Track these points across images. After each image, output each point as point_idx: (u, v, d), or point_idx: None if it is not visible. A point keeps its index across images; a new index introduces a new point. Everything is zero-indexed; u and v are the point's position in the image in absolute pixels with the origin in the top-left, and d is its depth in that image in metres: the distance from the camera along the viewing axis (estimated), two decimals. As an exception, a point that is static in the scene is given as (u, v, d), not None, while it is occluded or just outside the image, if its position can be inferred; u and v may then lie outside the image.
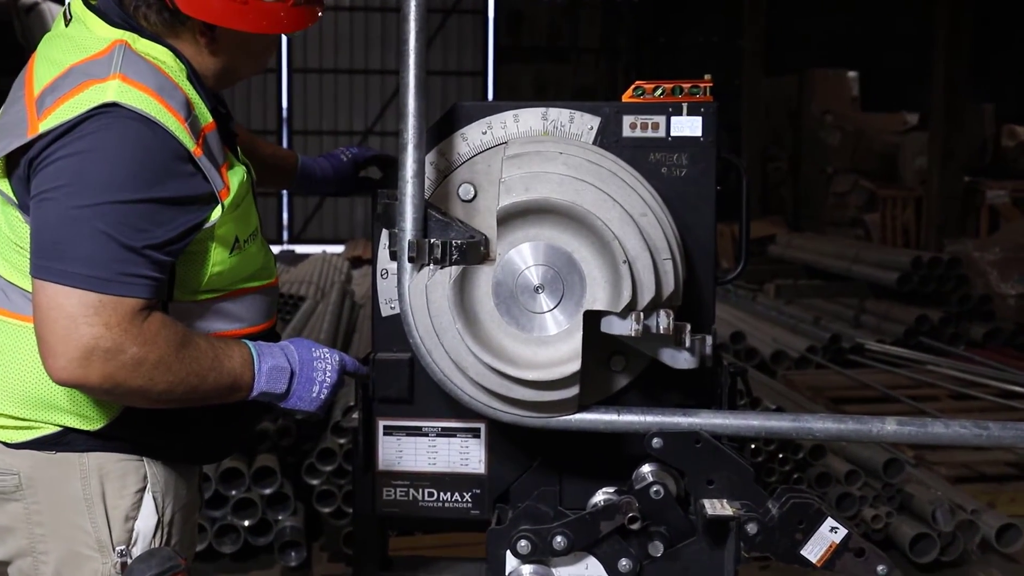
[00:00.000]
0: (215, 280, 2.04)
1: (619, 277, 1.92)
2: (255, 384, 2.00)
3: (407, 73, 1.95)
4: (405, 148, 1.96)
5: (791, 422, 2.06)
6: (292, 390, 2.04)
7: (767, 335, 8.24)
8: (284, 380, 2.02)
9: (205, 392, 1.95)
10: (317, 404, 2.06)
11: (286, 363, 2.03)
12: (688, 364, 2.01)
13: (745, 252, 2.41)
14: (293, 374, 2.03)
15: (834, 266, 10.63)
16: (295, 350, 2.07)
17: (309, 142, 18.03)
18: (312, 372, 2.06)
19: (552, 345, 1.99)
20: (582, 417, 2.06)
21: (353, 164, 2.76)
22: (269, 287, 2.21)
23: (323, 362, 2.08)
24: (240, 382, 1.99)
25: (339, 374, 2.10)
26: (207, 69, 2.07)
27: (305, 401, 2.05)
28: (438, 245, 1.97)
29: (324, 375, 2.07)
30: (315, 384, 2.05)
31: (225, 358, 1.97)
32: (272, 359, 2.02)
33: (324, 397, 2.07)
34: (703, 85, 2.17)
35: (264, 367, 2.00)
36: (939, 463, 5.56)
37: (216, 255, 2.02)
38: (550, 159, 2.01)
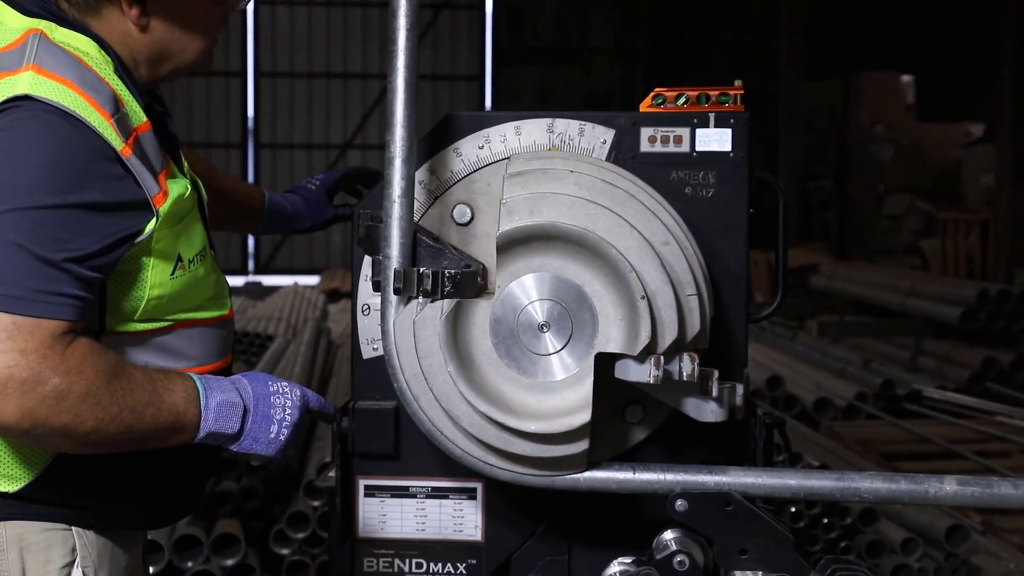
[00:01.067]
0: (155, 307, 2.02)
1: (636, 315, 1.93)
2: (201, 423, 1.97)
3: (396, 77, 1.97)
4: (392, 163, 1.97)
5: (836, 481, 2.06)
6: (246, 430, 2.01)
7: (809, 380, 8.24)
8: (236, 418, 1.99)
9: (142, 432, 1.91)
10: (276, 447, 2.04)
11: (238, 398, 2.01)
12: (716, 416, 2.01)
13: (783, 284, 2.42)
14: (247, 411, 2.01)
15: (887, 300, 10.64)
16: (248, 384, 2.04)
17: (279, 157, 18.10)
18: (269, 409, 2.03)
19: (559, 392, 1.99)
20: (593, 475, 2.06)
21: (325, 191, 2.77)
22: (222, 320, 2.20)
23: (282, 397, 2.05)
24: (183, 420, 1.95)
25: (301, 412, 2.08)
26: (139, 53, 2.07)
27: (261, 443, 2.03)
28: (428, 275, 1.97)
29: (283, 412, 2.05)
30: (272, 423, 2.03)
31: (165, 392, 1.94)
32: (221, 393, 2.00)
33: (284, 438, 2.05)
34: (733, 92, 2.18)
35: (212, 402, 1.98)
36: (1011, 530, 5.54)
37: (155, 275, 1.99)
38: (558, 178, 2.02)
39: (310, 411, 2.12)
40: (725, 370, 2.06)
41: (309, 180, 2.81)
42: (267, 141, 18.16)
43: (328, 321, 10.92)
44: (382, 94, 16.48)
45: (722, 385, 2.00)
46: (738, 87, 2.19)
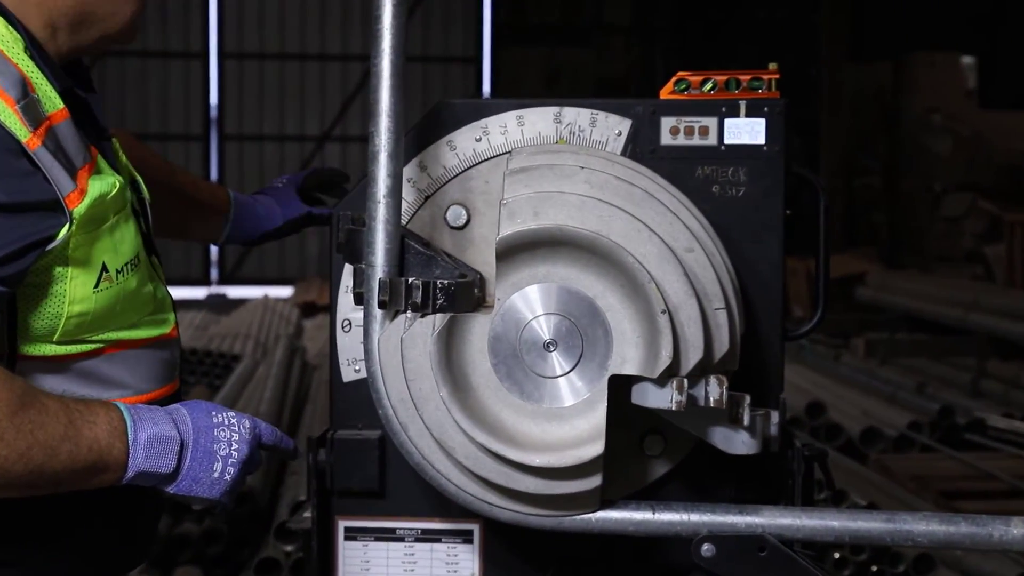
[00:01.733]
0: (77, 326, 1.99)
1: (656, 331, 1.93)
2: (129, 461, 1.93)
3: (381, 59, 1.97)
4: (376, 158, 1.98)
5: (886, 523, 2.07)
6: (183, 468, 1.97)
7: (855, 406, 8.24)
8: (171, 455, 1.96)
9: (56, 473, 1.88)
10: (220, 488, 2.01)
11: (173, 431, 1.98)
12: (747, 448, 2.01)
13: (824, 296, 2.42)
14: (184, 446, 1.98)
15: (944, 315, 10.63)
16: (188, 415, 2.02)
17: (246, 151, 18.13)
18: (211, 444, 2.00)
19: (567, 420, 1.99)
20: (607, 516, 2.07)
21: (294, 189, 2.77)
22: (164, 340, 2.18)
23: (227, 430, 2.02)
24: (107, 458, 1.92)
25: (251, 447, 2.05)
26: (59, 16, 2.04)
27: (203, 484, 1.99)
28: (418, 286, 1.98)
29: (229, 448, 2.01)
30: (216, 460, 2.00)
31: (84, 424, 1.90)
32: (153, 426, 1.96)
33: (230, 478, 2.01)
34: (767, 76, 2.19)
35: (141, 436, 1.94)
36: (1087, 579, 5.54)
37: (74, 289, 1.96)
38: (567, 175, 2.03)
39: (263, 446, 2.10)
40: (758, 395, 2.06)
41: (275, 180, 2.82)
42: (232, 132, 18.18)
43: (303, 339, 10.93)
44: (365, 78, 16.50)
45: (754, 412, 2.00)
46: (773, 70, 2.19)
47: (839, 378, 9.43)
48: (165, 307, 2.21)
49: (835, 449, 7.31)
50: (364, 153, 2.01)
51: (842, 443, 7.59)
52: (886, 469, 6.99)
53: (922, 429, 7.80)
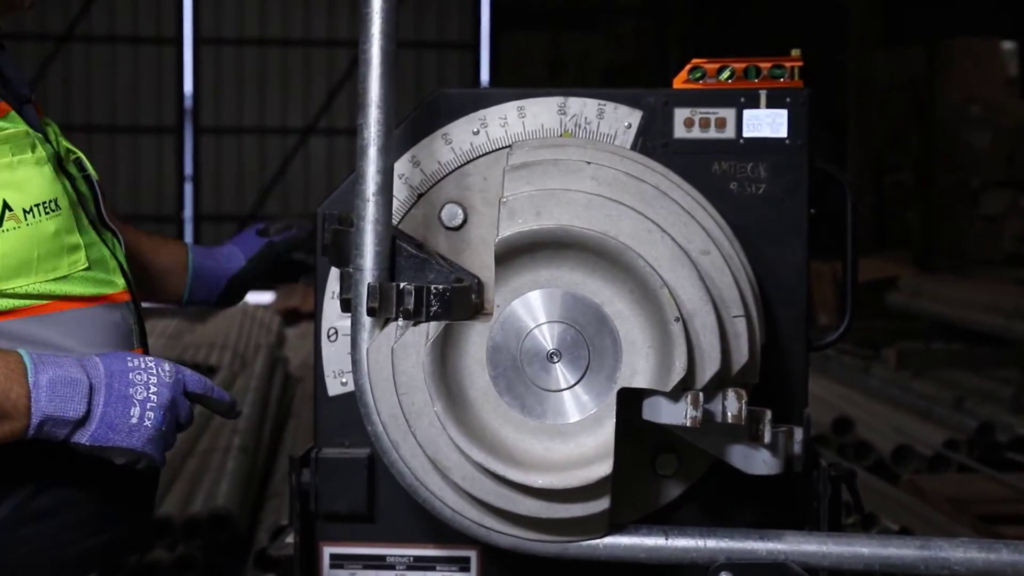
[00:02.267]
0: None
1: (669, 341, 1.94)
2: (32, 405, 1.91)
3: (370, 45, 1.97)
4: (365, 153, 1.98)
5: (920, 550, 2.07)
6: (95, 413, 1.94)
7: (886, 423, 8.23)
8: (79, 398, 1.93)
9: None
10: (142, 436, 1.97)
11: (81, 374, 1.95)
12: (768, 468, 2.01)
13: (852, 303, 2.42)
14: (94, 389, 1.96)
15: (984, 323, 10.63)
16: (100, 361, 2.00)
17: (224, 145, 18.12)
18: (127, 387, 1.97)
19: (572, 438, 2.00)
20: (616, 541, 2.07)
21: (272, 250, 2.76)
22: (111, 302, 2.16)
23: (143, 373, 2.00)
24: (3, 402, 1.90)
25: (174, 392, 2.02)
26: None
27: (120, 431, 1.96)
28: (410, 291, 1.98)
29: (147, 391, 1.98)
30: (132, 404, 1.96)
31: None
32: (57, 368, 1.94)
33: (151, 424, 1.98)
34: (790, 64, 2.19)
35: (43, 378, 1.92)
36: None
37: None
38: (572, 171, 2.03)
39: (190, 395, 2.07)
40: (780, 410, 2.06)
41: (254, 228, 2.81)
42: (209, 124, 18.18)
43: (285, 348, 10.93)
44: (353, 66, 16.49)
45: (776, 429, 2.00)
46: (796, 57, 2.20)
47: (869, 392, 9.42)
48: (108, 268, 2.18)
49: (864, 469, 7.31)
50: (352, 147, 2.01)
51: (872, 462, 7.58)
52: (920, 491, 6.98)
53: (959, 447, 7.79)
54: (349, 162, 2.38)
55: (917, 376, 9.82)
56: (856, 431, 7.84)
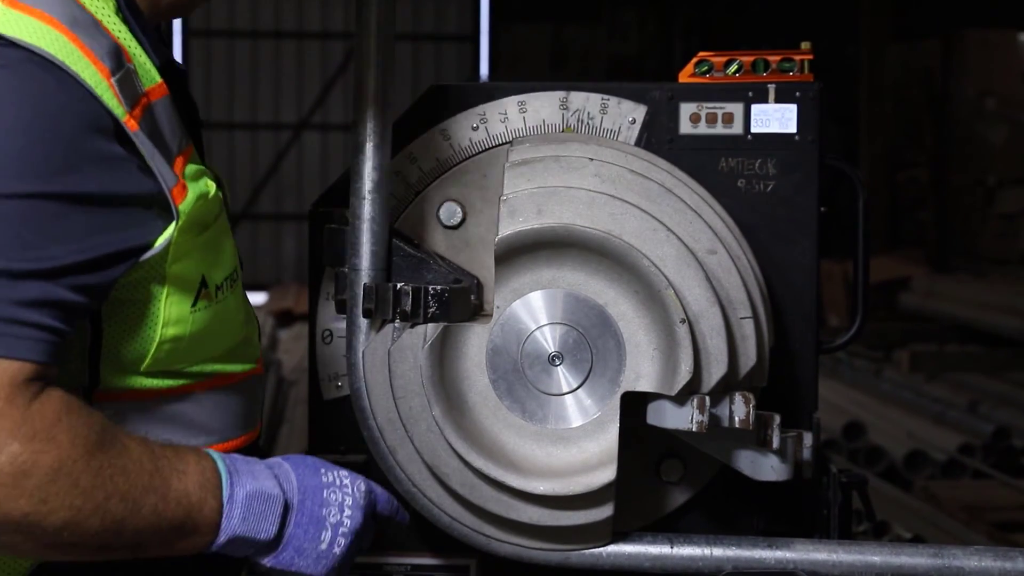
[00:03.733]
0: (168, 353, 1.84)
1: (674, 343, 1.94)
2: (223, 522, 1.79)
3: (366, 37, 1.98)
4: (361, 149, 1.98)
5: (933, 558, 2.07)
6: (286, 535, 1.83)
7: (898, 427, 8.23)
8: (273, 518, 1.81)
9: (138, 531, 1.72)
10: (328, 564, 1.86)
11: (277, 489, 1.83)
12: (777, 474, 2.02)
13: (864, 304, 2.42)
14: (288, 508, 1.84)
15: (999, 324, 10.63)
16: (292, 470, 1.88)
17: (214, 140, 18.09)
18: (320, 507, 1.86)
19: (574, 443, 2.00)
20: (620, 550, 2.07)
21: None
22: (252, 377, 2.05)
23: (339, 492, 1.89)
24: (197, 517, 1.77)
25: (366, 515, 1.91)
26: None
27: (308, 556, 1.85)
28: (407, 292, 1.98)
29: (341, 514, 1.87)
30: (324, 528, 1.85)
31: (173, 474, 1.76)
32: (253, 481, 1.82)
33: (340, 552, 1.87)
34: (800, 57, 2.20)
35: (239, 493, 1.80)
36: None
37: (170, 308, 1.82)
38: (574, 168, 2.03)
39: (377, 515, 1.98)
40: (789, 414, 2.07)
41: None
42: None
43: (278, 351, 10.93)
44: (348, 59, 16.49)
45: (785, 434, 2.00)
46: (806, 50, 2.20)
47: (881, 395, 9.43)
48: (255, 333, 2.09)
49: (876, 475, 7.31)
50: (347, 143, 2.01)
51: (884, 468, 7.58)
52: (933, 497, 6.98)
53: (974, 453, 7.79)
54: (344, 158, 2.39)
55: (931, 379, 9.82)
56: (868, 436, 7.85)
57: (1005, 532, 6.45)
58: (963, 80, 14.59)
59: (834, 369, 9.96)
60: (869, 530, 5.43)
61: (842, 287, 11.75)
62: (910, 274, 12.89)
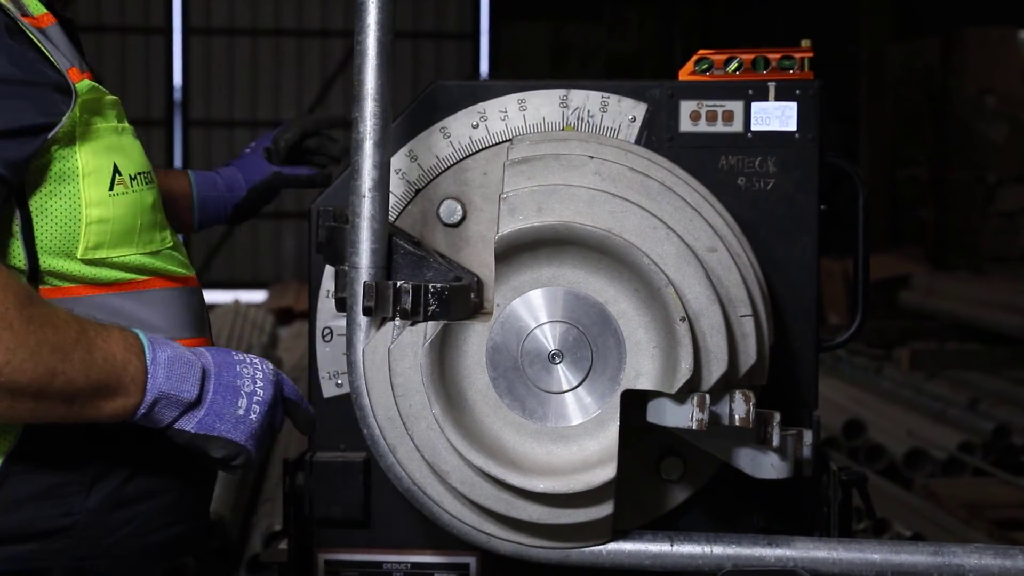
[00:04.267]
0: (98, 235, 2.02)
1: (674, 341, 1.94)
2: (148, 380, 1.93)
3: (366, 36, 1.98)
4: (361, 147, 1.98)
5: (933, 556, 2.07)
6: (206, 398, 1.97)
7: (899, 425, 8.23)
8: (193, 379, 1.96)
9: (68, 380, 1.87)
10: (246, 430, 1.98)
11: (193, 357, 1.98)
12: (777, 472, 2.02)
13: (864, 302, 2.42)
14: (206, 374, 1.98)
15: (1000, 322, 10.62)
16: (205, 350, 2.04)
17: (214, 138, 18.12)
18: (235, 378, 2.00)
19: (574, 441, 2.00)
20: (620, 548, 2.07)
21: (261, 151, 2.79)
22: (191, 286, 2.20)
23: (250, 367, 2.03)
24: (123, 375, 1.91)
25: (275, 391, 2.04)
26: None
27: (227, 421, 1.97)
28: (407, 290, 1.98)
29: (254, 385, 2.01)
30: (240, 395, 1.99)
31: (98, 336, 1.91)
32: (172, 349, 1.97)
33: (256, 419, 1.99)
34: (800, 55, 2.20)
35: (161, 355, 1.95)
36: None
37: (88, 189, 2.00)
38: (574, 166, 2.03)
39: (285, 400, 2.08)
40: (789, 412, 2.07)
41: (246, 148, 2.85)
42: (199, 117, 18.17)
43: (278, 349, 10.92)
44: (348, 57, 16.48)
45: (785, 432, 2.00)
46: (806, 48, 2.20)
47: (881, 393, 9.42)
48: (183, 252, 2.22)
49: (876, 473, 7.30)
50: (347, 141, 2.01)
51: (884, 466, 7.58)
52: (934, 495, 6.98)
53: (975, 451, 7.79)
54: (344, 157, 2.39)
55: (931, 377, 9.81)
56: (868, 434, 7.84)
57: (1005, 530, 6.45)
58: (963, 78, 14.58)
59: (834, 367, 9.95)
60: (869, 528, 5.43)
61: (842, 285, 11.75)
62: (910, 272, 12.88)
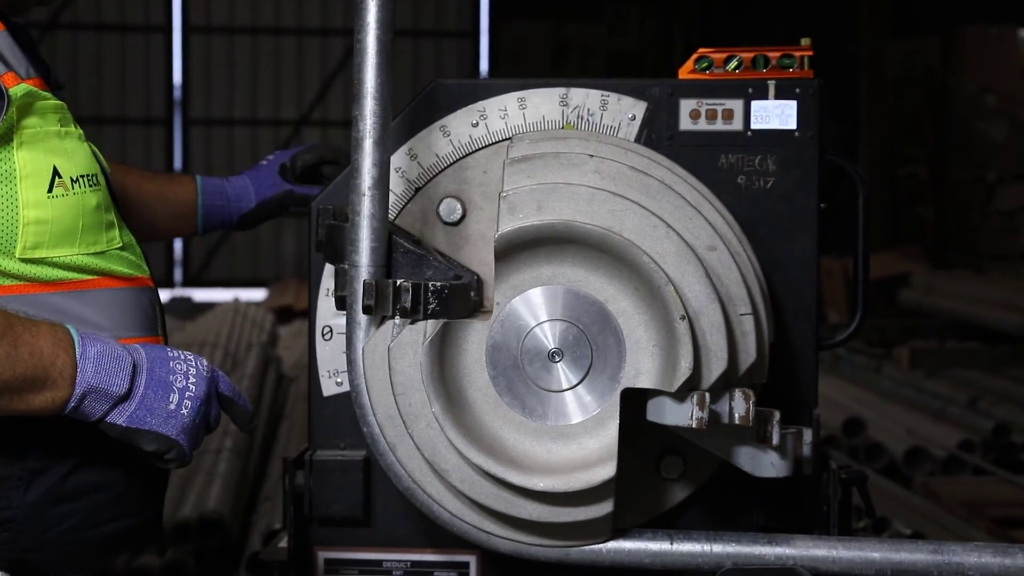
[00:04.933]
0: (35, 236, 2.04)
1: (674, 340, 1.94)
2: (78, 375, 1.96)
3: (366, 34, 1.98)
4: (360, 145, 1.98)
5: (933, 554, 2.07)
6: (136, 392, 1.99)
7: (899, 424, 8.23)
8: (123, 373, 1.99)
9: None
10: (177, 424, 2.01)
11: (125, 352, 2.01)
12: (777, 470, 2.02)
13: (864, 300, 2.42)
14: (137, 369, 2.01)
15: (999, 321, 10.62)
16: (140, 347, 2.06)
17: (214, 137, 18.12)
18: (167, 374, 2.03)
19: (574, 439, 2.00)
20: (619, 546, 2.07)
21: (278, 167, 2.80)
22: (140, 285, 2.20)
23: (183, 363, 2.05)
24: (50, 370, 1.95)
25: (209, 388, 2.06)
26: None
27: (157, 415, 2.00)
28: (407, 289, 1.98)
29: (186, 380, 2.03)
30: (172, 391, 2.02)
31: (25, 331, 1.95)
32: (102, 344, 2.00)
33: (188, 414, 2.02)
34: (799, 54, 2.20)
35: (90, 350, 1.98)
36: None
37: (26, 191, 2.02)
38: (574, 164, 2.03)
39: (220, 396, 2.10)
40: (789, 411, 2.07)
41: (263, 160, 2.85)
42: (199, 116, 18.16)
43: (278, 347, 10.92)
44: (348, 56, 16.48)
45: (785, 430, 2.00)
46: (806, 47, 2.20)
47: (880, 392, 9.42)
48: (136, 253, 2.23)
49: (876, 472, 7.30)
50: (347, 139, 2.01)
51: (884, 465, 7.58)
52: (933, 494, 6.98)
53: (974, 449, 7.78)
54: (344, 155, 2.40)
55: (930, 376, 9.81)
56: (867, 432, 7.84)
57: (1005, 528, 6.45)
58: (963, 76, 14.58)
59: (834, 365, 9.95)
60: (869, 526, 5.43)
61: (842, 283, 11.75)
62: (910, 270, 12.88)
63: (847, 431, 7.80)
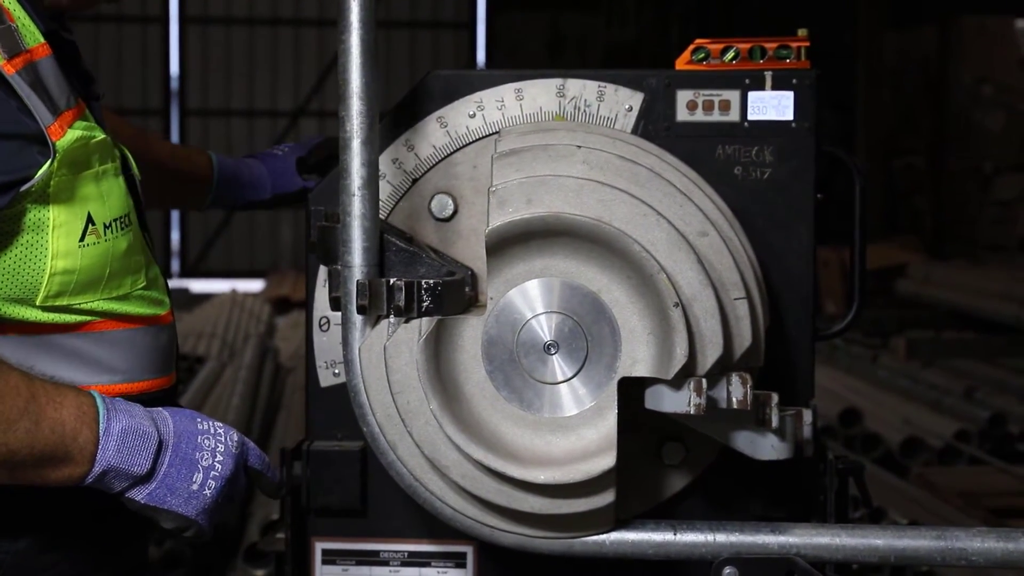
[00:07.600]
0: (61, 286, 1.98)
1: (669, 327, 1.94)
2: (98, 453, 1.90)
3: (349, 34, 1.97)
4: (349, 146, 1.97)
5: (936, 540, 2.06)
6: (159, 472, 1.94)
7: (895, 414, 8.24)
8: (147, 453, 1.93)
9: (10, 451, 1.85)
10: (198, 505, 1.97)
11: (152, 428, 1.95)
12: (777, 452, 2.01)
13: (861, 290, 2.42)
14: (163, 446, 1.95)
15: (997, 311, 10.63)
16: (169, 417, 2.01)
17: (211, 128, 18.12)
18: (193, 451, 1.97)
19: (573, 431, 2.00)
20: (622, 537, 2.07)
21: (294, 160, 2.80)
22: (159, 323, 2.17)
23: (212, 439, 2.01)
24: (71, 445, 1.89)
25: (237, 464, 2.03)
26: None
27: (179, 495, 1.96)
28: (400, 287, 1.98)
29: (213, 458, 1.99)
30: (196, 470, 1.97)
31: (49, 403, 1.89)
32: (129, 418, 1.94)
33: (210, 494, 1.98)
34: (796, 44, 2.19)
35: (115, 426, 1.92)
36: None
37: (57, 240, 1.96)
38: (562, 156, 2.03)
39: (248, 469, 2.08)
40: (786, 401, 2.06)
41: (276, 147, 2.84)
42: (195, 106, 18.17)
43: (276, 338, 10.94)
44: (344, 46, 16.48)
45: (784, 412, 2.00)
46: (802, 37, 2.20)
47: (877, 382, 9.43)
48: (158, 286, 2.19)
49: (872, 462, 7.32)
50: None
51: (880, 455, 7.60)
52: (930, 484, 6.99)
53: (971, 439, 7.80)
54: (340, 146, 2.40)
55: (927, 366, 9.83)
56: (864, 423, 7.85)
57: (1001, 518, 6.46)
58: (960, 67, 14.59)
59: (831, 356, 9.96)
60: (865, 517, 5.43)
61: (839, 274, 11.76)
62: (907, 261, 12.90)
63: (844, 421, 7.82)
